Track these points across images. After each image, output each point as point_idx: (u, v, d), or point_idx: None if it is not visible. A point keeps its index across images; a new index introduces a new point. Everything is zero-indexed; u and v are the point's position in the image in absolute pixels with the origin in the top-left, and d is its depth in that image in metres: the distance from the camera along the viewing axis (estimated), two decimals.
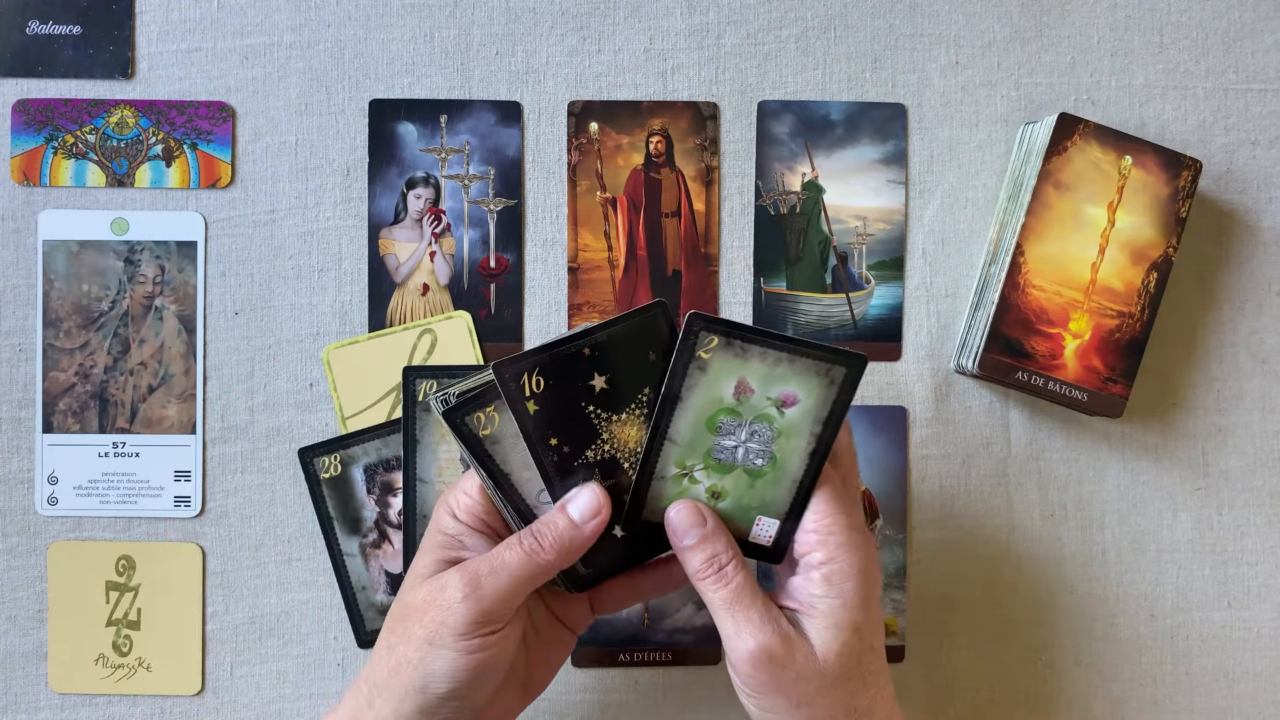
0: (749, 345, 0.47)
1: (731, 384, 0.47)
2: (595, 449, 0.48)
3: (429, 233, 0.61)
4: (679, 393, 0.47)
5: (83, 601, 0.61)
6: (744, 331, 0.47)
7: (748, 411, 0.47)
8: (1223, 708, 0.63)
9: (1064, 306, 0.59)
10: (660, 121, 0.62)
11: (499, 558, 0.46)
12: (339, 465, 0.60)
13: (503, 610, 0.46)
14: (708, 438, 0.48)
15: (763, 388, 0.47)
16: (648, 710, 0.62)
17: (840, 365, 0.47)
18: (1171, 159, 0.59)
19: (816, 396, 0.47)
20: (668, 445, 0.47)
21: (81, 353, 0.61)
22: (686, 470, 0.48)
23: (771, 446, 0.48)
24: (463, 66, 0.61)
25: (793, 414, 0.47)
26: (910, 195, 0.63)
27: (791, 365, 0.47)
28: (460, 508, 0.49)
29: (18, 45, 0.61)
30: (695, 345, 0.47)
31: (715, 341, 0.47)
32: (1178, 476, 0.63)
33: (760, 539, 0.49)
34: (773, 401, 0.47)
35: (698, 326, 0.47)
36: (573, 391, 0.47)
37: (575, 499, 0.47)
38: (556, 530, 0.47)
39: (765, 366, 0.47)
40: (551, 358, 0.47)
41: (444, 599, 0.46)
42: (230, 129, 0.61)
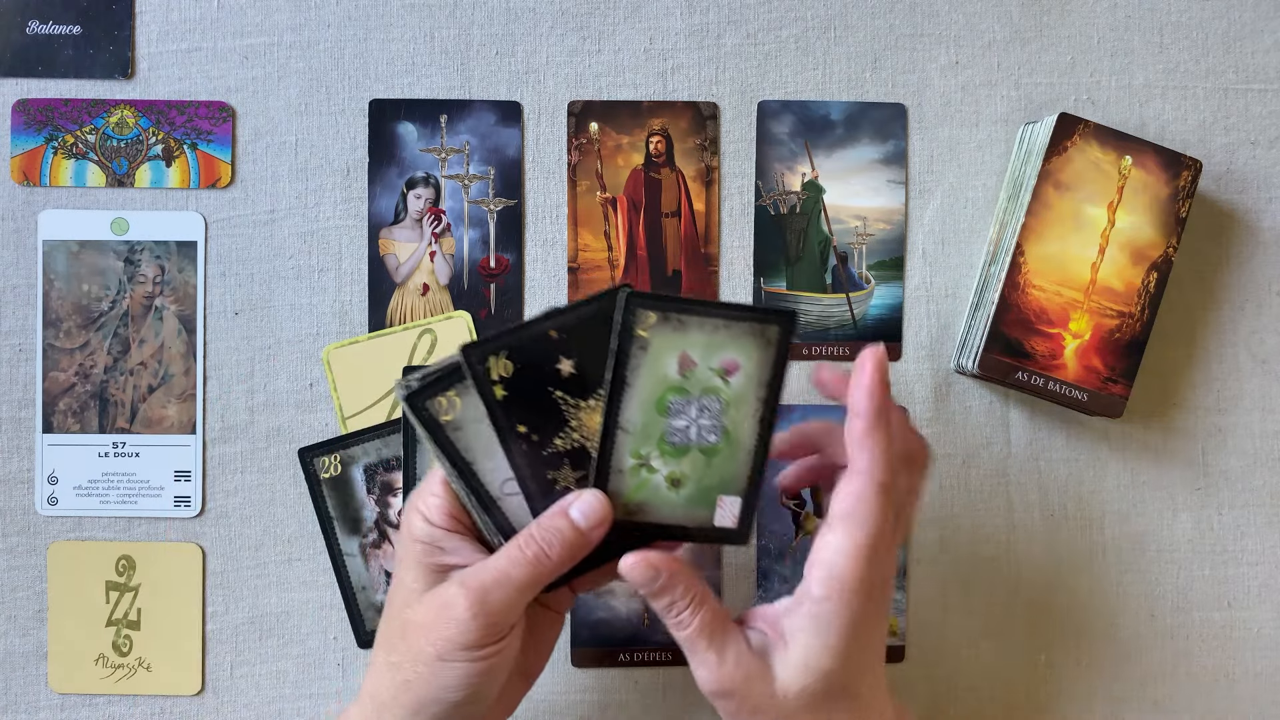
0: (686, 317, 0.47)
1: (674, 360, 0.47)
2: (564, 437, 0.48)
3: (429, 233, 0.61)
4: (626, 377, 0.47)
5: (83, 601, 0.61)
6: (679, 304, 0.47)
7: (694, 386, 0.48)
8: (1223, 708, 0.63)
9: (1064, 306, 0.59)
10: (660, 121, 0.62)
11: (503, 570, 0.46)
12: (339, 465, 0.60)
13: (511, 619, 0.46)
14: (659, 421, 0.47)
15: (704, 358, 0.47)
16: (648, 710, 0.62)
17: (773, 324, 0.48)
18: (1171, 159, 0.59)
19: (756, 359, 0.48)
20: (621, 435, 0.47)
21: (81, 353, 0.61)
22: (643, 460, 0.48)
23: (722, 419, 0.48)
24: (463, 66, 0.61)
25: (737, 381, 0.48)
26: (910, 195, 0.63)
27: (729, 331, 0.47)
28: (432, 510, 0.48)
29: (18, 45, 0.61)
30: (635, 324, 0.47)
31: (653, 318, 0.47)
32: (1178, 476, 0.63)
33: (725, 521, 0.49)
34: (716, 371, 0.47)
35: (634, 304, 0.47)
36: (540, 376, 0.47)
37: (579, 503, 0.47)
38: (563, 537, 0.46)
39: (704, 336, 0.47)
40: (519, 340, 0.47)
41: (450, 616, 0.45)
42: (230, 129, 0.61)
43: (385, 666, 0.47)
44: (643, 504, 0.48)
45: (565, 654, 0.62)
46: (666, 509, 0.48)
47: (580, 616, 0.62)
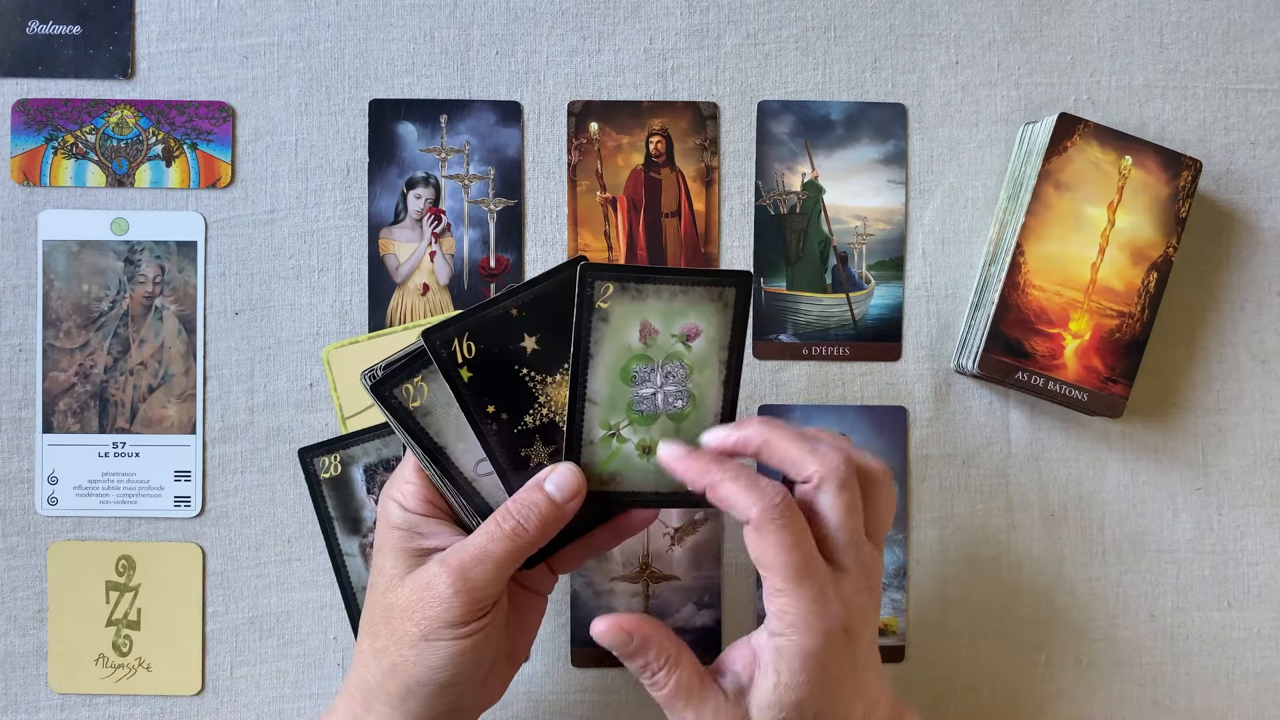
0: (643, 285, 0.48)
1: (635, 329, 0.48)
2: (534, 414, 0.48)
3: (429, 233, 0.61)
4: (589, 349, 0.47)
5: (83, 601, 0.61)
6: (635, 273, 0.48)
7: (657, 353, 0.48)
8: (1223, 708, 0.63)
9: (1064, 306, 0.59)
10: (660, 121, 0.62)
11: (481, 546, 0.46)
12: (339, 465, 0.60)
13: (493, 594, 0.47)
14: (625, 390, 0.48)
15: (665, 325, 0.48)
16: (648, 710, 0.62)
17: (730, 285, 0.48)
18: (1171, 159, 0.59)
19: (716, 323, 0.48)
20: (589, 407, 0.48)
21: (81, 353, 0.61)
22: (613, 430, 0.48)
23: (687, 384, 0.48)
24: (463, 66, 0.61)
25: (699, 345, 0.48)
26: (910, 195, 0.63)
27: (687, 297, 0.48)
28: (407, 497, 0.49)
29: (18, 45, 0.61)
30: (593, 296, 0.47)
31: (611, 289, 0.47)
32: (1178, 476, 0.63)
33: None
34: (677, 337, 0.48)
35: (591, 276, 0.47)
36: (505, 354, 0.47)
37: (554, 477, 0.47)
38: (539, 510, 0.47)
39: (662, 304, 0.48)
40: (480, 321, 0.47)
41: (432, 595, 0.46)
42: (230, 129, 0.61)
43: (370, 654, 0.47)
44: (616, 474, 0.49)
45: (565, 654, 0.62)
46: (640, 477, 0.49)
47: (580, 616, 0.62)
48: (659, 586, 0.62)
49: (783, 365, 0.62)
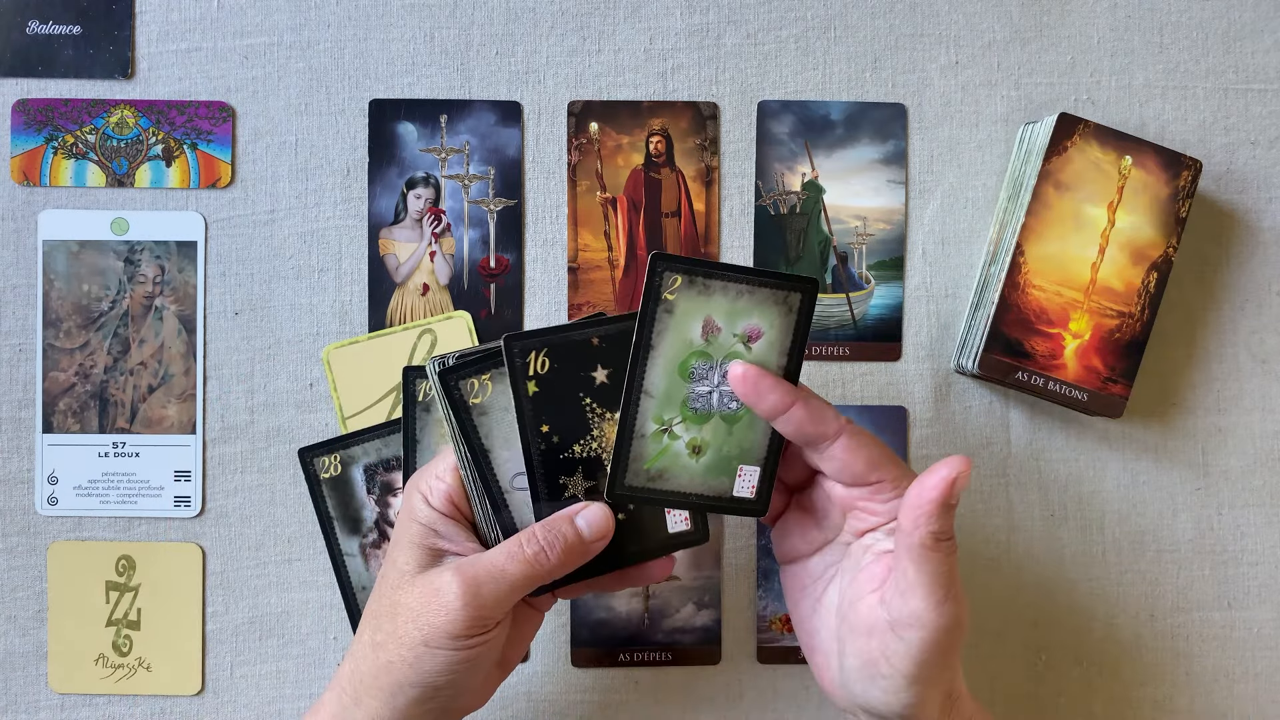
0: (711, 281, 0.47)
1: (699, 324, 0.48)
2: (584, 445, 0.48)
3: (429, 233, 0.61)
4: (651, 340, 0.47)
5: (83, 601, 0.61)
6: (705, 267, 0.47)
7: (717, 351, 0.48)
8: (1223, 708, 0.63)
9: (1064, 306, 0.59)
10: (660, 121, 0.62)
11: (499, 565, 0.46)
12: (339, 465, 0.60)
13: (501, 614, 0.47)
14: (682, 386, 0.48)
15: (728, 324, 0.48)
16: (648, 710, 0.62)
17: (796, 291, 0.48)
18: (1171, 159, 0.59)
19: (779, 326, 0.48)
20: (645, 400, 0.48)
21: (81, 353, 0.61)
22: (665, 425, 0.48)
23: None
24: (463, 66, 0.61)
25: (759, 348, 0.48)
26: (910, 195, 0.63)
27: (752, 297, 0.48)
28: (434, 493, 0.48)
29: (18, 45, 0.61)
30: (661, 287, 0.47)
31: (679, 281, 0.47)
32: (1178, 476, 0.63)
33: (744, 491, 0.49)
34: (739, 337, 0.48)
35: (661, 267, 0.47)
36: (574, 380, 0.47)
37: (586, 513, 0.47)
38: (565, 543, 0.46)
39: (728, 301, 0.48)
40: (562, 341, 0.47)
41: (440, 603, 0.45)
42: (230, 129, 0.61)
43: (369, 646, 0.47)
44: (663, 470, 0.48)
45: (565, 654, 0.62)
46: (686, 476, 0.49)
47: (580, 616, 0.62)
48: (659, 586, 0.62)
49: None
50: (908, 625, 0.46)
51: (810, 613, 0.51)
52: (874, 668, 0.47)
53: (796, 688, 0.62)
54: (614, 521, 0.47)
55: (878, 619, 0.47)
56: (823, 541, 0.51)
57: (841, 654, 0.49)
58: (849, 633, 0.48)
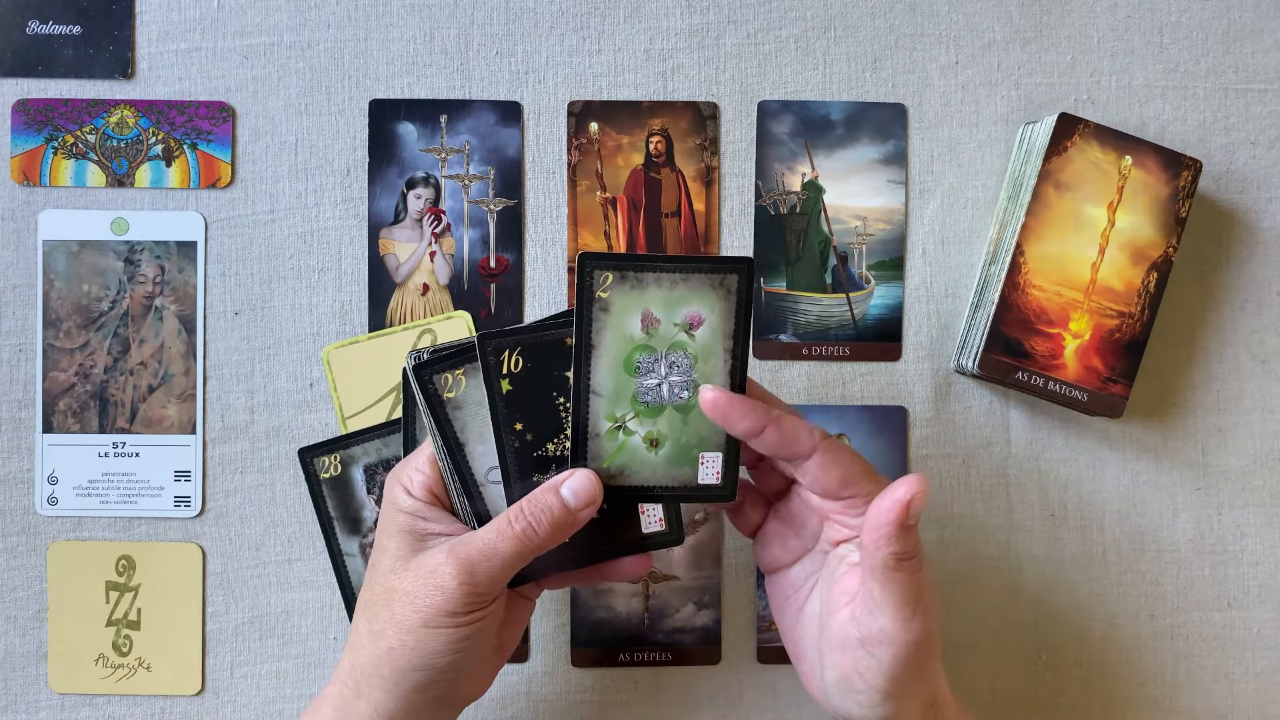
0: (643, 274, 0.47)
1: (637, 319, 0.47)
2: (557, 444, 0.48)
3: (429, 233, 0.61)
4: (591, 339, 0.47)
5: (83, 601, 0.61)
6: (634, 261, 0.47)
7: (660, 343, 0.48)
8: (1223, 708, 0.63)
9: (1064, 306, 0.59)
10: (660, 121, 0.62)
11: (490, 543, 0.46)
12: (339, 465, 0.60)
13: (495, 590, 0.47)
14: (629, 382, 0.48)
15: (667, 314, 0.47)
16: (648, 710, 0.62)
17: (731, 272, 0.47)
18: (1171, 159, 0.59)
19: (719, 310, 0.48)
20: (594, 399, 0.47)
21: (81, 353, 0.61)
22: (619, 422, 0.48)
23: (693, 374, 0.48)
24: (463, 66, 0.61)
25: (702, 334, 0.48)
26: (910, 195, 0.63)
27: (688, 284, 0.47)
28: (414, 484, 0.49)
29: (18, 45, 0.61)
30: (593, 285, 0.47)
31: (610, 278, 0.47)
32: (1178, 476, 0.63)
33: (708, 479, 0.49)
34: (680, 326, 0.48)
35: (590, 266, 0.47)
36: (548, 379, 0.47)
37: (571, 482, 0.47)
38: (552, 514, 0.47)
39: (663, 292, 0.47)
40: (535, 340, 0.47)
41: (436, 583, 0.46)
42: (230, 129, 0.61)
43: (368, 635, 0.48)
44: (623, 467, 0.48)
45: (565, 654, 0.62)
46: (647, 470, 0.48)
47: (580, 616, 0.62)
48: (659, 586, 0.62)
49: (783, 365, 0.62)
50: (877, 643, 0.46)
51: (794, 622, 0.52)
52: (849, 682, 0.47)
53: (796, 688, 0.62)
54: (600, 486, 0.47)
55: (850, 635, 0.47)
56: (802, 550, 0.51)
57: (822, 665, 0.49)
58: (826, 646, 0.48)
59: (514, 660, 0.62)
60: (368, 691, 0.47)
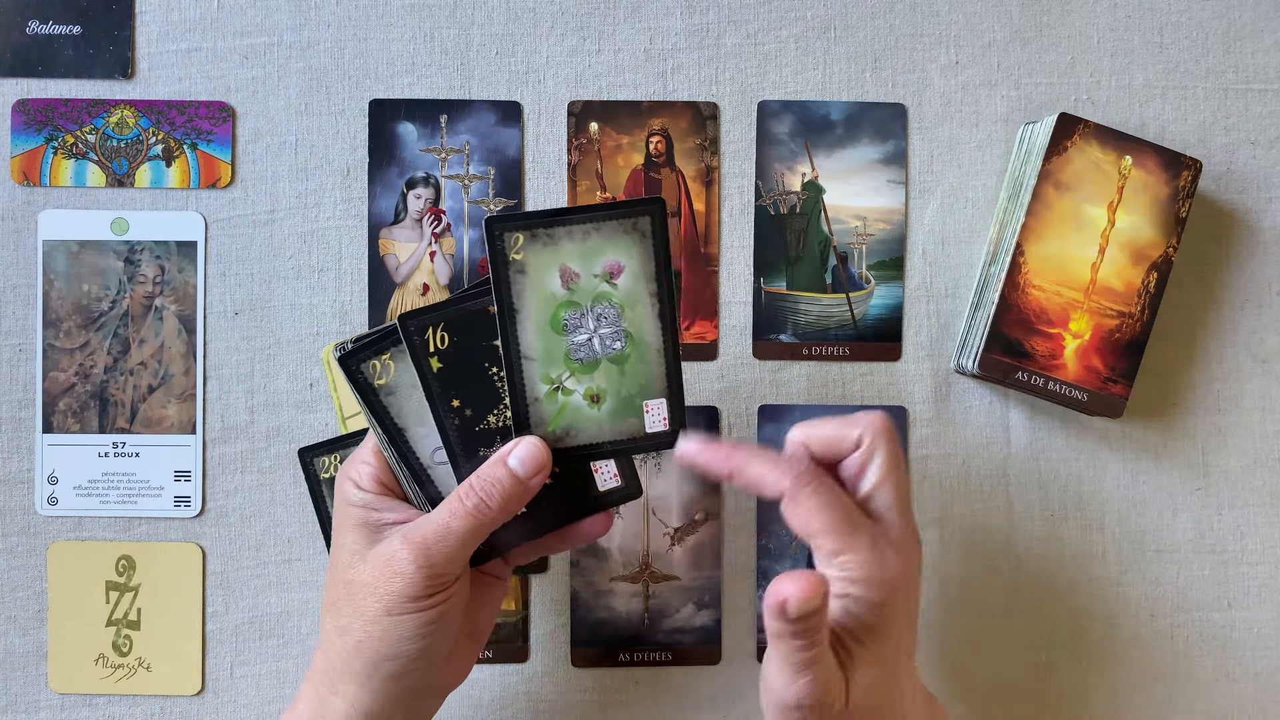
0: (553, 230, 0.47)
1: (555, 275, 0.47)
2: (498, 415, 0.48)
3: (429, 233, 0.61)
4: (512, 304, 0.47)
5: (83, 601, 0.61)
6: (542, 217, 0.47)
7: (583, 296, 0.47)
8: (1223, 708, 0.63)
9: (1064, 306, 0.59)
10: (660, 121, 0.62)
11: (443, 523, 0.46)
12: (339, 465, 0.60)
13: (455, 570, 0.47)
14: (560, 341, 0.47)
15: (585, 267, 0.47)
16: (648, 710, 0.62)
17: (643, 214, 0.47)
18: (1171, 159, 0.59)
19: (637, 254, 0.47)
20: (526, 364, 0.47)
21: (81, 353, 0.61)
22: (556, 383, 0.47)
23: (622, 323, 0.48)
24: (463, 66, 0.61)
25: (624, 281, 0.47)
26: (910, 195, 0.63)
27: (600, 234, 0.47)
28: (363, 477, 0.49)
29: (18, 45, 0.61)
30: (505, 248, 0.46)
31: (521, 239, 0.47)
32: (1178, 476, 0.63)
33: (656, 426, 0.48)
34: (600, 277, 0.47)
35: (498, 230, 0.46)
36: (477, 351, 0.47)
37: (517, 451, 0.47)
38: (503, 487, 0.46)
39: (577, 245, 0.47)
40: (458, 313, 0.47)
41: (394, 570, 0.46)
42: (230, 129, 0.61)
43: (334, 632, 0.48)
44: (568, 428, 0.48)
45: (565, 654, 0.62)
46: (593, 427, 0.48)
47: (580, 616, 0.62)
48: (659, 586, 0.62)
49: (783, 365, 0.62)
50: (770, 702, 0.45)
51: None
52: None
53: None
54: (548, 453, 0.47)
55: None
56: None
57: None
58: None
59: (514, 660, 0.62)
60: (342, 688, 0.47)
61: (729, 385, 0.62)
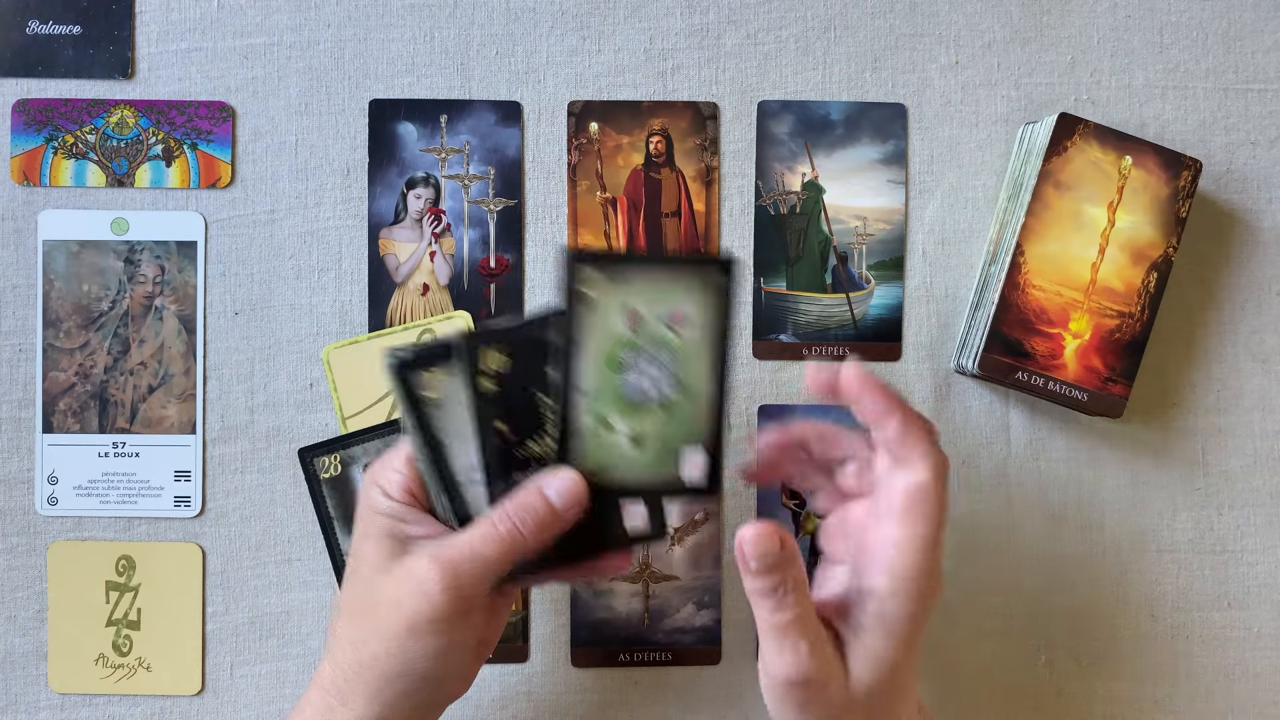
0: (629, 270, 0.47)
1: (621, 315, 0.47)
2: (539, 443, 0.47)
3: (429, 233, 0.61)
4: (576, 336, 0.46)
5: (83, 601, 0.61)
6: (619, 258, 0.47)
7: (644, 340, 0.47)
8: (1223, 708, 0.63)
9: (1064, 306, 0.59)
10: (660, 121, 0.62)
11: (474, 546, 0.45)
12: (339, 465, 0.60)
13: (481, 594, 0.46)
14: (613, 379, 0.47)
15: (652, 311, 0.47)
16: (648, 710, 0.62)
17: (715, 270, 0.47)
18: (1171, 159, 0.59)
19: (703, 307, 0.47)
20: (577, 396, 0.47)
21: (81, 353, 0.61)
22: (602, 419, 0.47)
23: (676, 372, 0.47)
24: (463, 66, 0.61)
25: (686, 332, 0.47)
26: (910, 195, 0.63)
27: (673, 282, 0.47)
28: (392, 485, 0.48)
29: (18, 45, 0.61)
30: (578, 282, 0.46)
31: (596, 275, 0.46)
32: (1178, 476, 0.63)
33: (694, 478, 0.48)
34: (665, 323, 0.47)
35: (575, 262, 0.46)
36: (530, 377, 0.47)
37: (556, 483, 0.46)
38: (537, 516, 0.46)
39: (648, 289, 0.47)
40: (519, 338, 0.46)
41: (420, 590, 0.45)
42: (230, 129, 0.61)
43: (349, 643, 0.47)
44: (608, 466, 0.48)
45: (565, 654, 0.62)
46: (631, 469, 0.48)
47: (580, 616, 0.62)
48: (659, 586, 0.62)
49: (783, 365, 0.62)
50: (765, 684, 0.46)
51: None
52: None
53: None
54: (585, 486, 0.46)
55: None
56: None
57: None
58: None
59: (514, 660, 0.62)
60: (352, 700, 0.46)
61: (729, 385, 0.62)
